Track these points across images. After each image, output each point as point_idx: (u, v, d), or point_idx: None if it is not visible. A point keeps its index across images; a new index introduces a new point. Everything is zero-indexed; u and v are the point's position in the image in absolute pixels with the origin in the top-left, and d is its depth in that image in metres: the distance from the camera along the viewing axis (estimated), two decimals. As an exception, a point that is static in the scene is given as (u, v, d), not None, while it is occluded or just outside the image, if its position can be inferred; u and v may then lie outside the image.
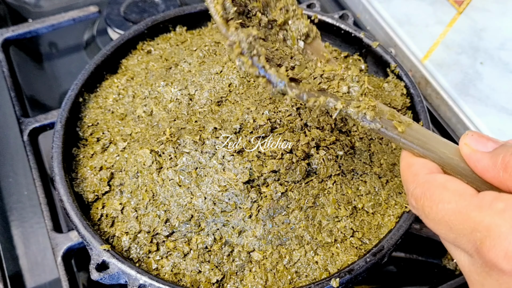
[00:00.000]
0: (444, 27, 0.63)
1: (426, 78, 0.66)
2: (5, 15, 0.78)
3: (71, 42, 0.75)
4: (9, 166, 0.56)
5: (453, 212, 0.28)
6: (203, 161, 0.43)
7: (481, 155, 0.29)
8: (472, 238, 0.27)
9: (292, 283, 0.41)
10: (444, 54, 0.63)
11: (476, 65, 0.60)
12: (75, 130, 0.50)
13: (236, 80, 0.47)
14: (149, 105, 0.50)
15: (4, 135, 0.58)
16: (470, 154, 0.30)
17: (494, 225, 0.26)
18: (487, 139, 0.30)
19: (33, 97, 0.67)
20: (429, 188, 0.29)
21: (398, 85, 0.54)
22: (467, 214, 0.27)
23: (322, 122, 0.46)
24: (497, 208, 0.26)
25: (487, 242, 0.26)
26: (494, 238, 0.25)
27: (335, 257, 0.42)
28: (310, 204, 0.43)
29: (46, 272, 0.50)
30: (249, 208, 0.42)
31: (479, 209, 0.27)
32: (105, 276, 0.39)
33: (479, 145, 0.30)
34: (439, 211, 0.28)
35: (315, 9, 0.61)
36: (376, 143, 0.48)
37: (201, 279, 0.41)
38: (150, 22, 0.58)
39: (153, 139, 0.46)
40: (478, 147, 0.30)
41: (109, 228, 0.43)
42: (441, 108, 0.65)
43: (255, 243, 0.42)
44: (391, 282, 0.56)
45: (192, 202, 0.43)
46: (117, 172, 0.46)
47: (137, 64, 0.56)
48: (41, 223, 0.52)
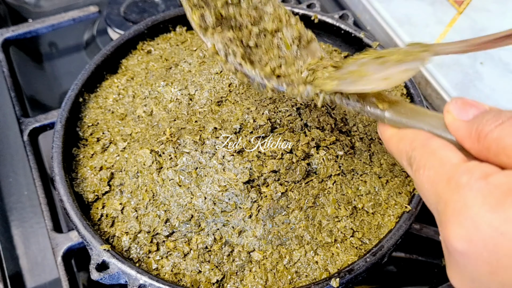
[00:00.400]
0: (444, 27, 0.63)
1: (426, 78, 0.66)
2: (5, 15, 0.78)
3: (71, 42, 0.75)
4: (9, 166, 0.56)
5: (427, 180, 0.27)
6: (203, 161, 0.43)
7: (459, 123, 0.28)
8: (436, 212, 0.26)
9: (292, 283, 0.41)
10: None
11: (476, 65, 0.60)
12: (75, 130, 0.50)
13: (236, 80, 0.47)
14: (149, 105, 0.50)
15: (4, 135, 0.58)
16: (451, 123, 0.29)
17: (450, 200, 0.24)
18: (470, 106, 0.28)
19: (33, 97, 0.67)
20: (422, 153, 0.28)
21: (398, 85, 0.54)
22: (436, 184, 0.26)
23: (322, 122, 0.46)
24: (460, 181, 0.24)
25: (443, 217, 0.25)
26: (448, 214, 0.24)
27: (335, 257, 0.42)
28: (310, 204, 0.43)
29: (46, 272, 0.50)
30: (249, 208, 0.42)
31: (447, 181, 0.25)
32: (105, 276, 0.39)
33: (461, 113, 0.28)
34: (420, 176, 0.27)
35: (315, 9, 0.61)
36: (376, 143, 0.48)
37: (201, 279, 0.41)
38: (150, 22, 0.58)
39: (153, 139, 0.46)
40: (460, 115, 0.28)
41: (109, 228, 0.43)
42: (441, 108, 0.65)
43: (255, 243, 0.42)
44: (391, 282, 0.56)
45: (192, 202, 0.43)
46: (117, 172, 0.46)
47: (137, 64, 0.56)
48: (41, 223, 0.52)
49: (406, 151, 0.30)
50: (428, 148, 0.28)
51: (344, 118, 0.49)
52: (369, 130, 0.49)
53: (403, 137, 0.31)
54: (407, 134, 0.31)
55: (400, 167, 0.48)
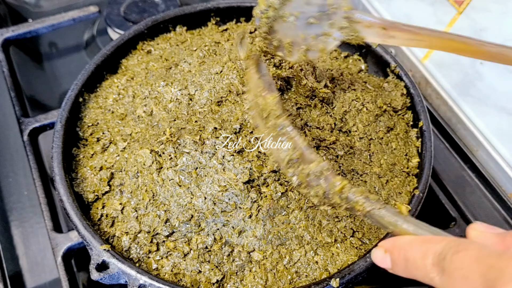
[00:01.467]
0: (444, 27, 0.63)
1: (426, 78, 0.66)
2: (5, 15, 0.78)
3: (71, 42, 0.75)
4: (9, 166, 0.56)
5: (472, 259, 0.28)
6: (203, 161, 0.43)
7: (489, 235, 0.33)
8: (485, 278, 0.27)
9: (292, 283, 0.41)
10: (444, 54, 0.63)
11: (476, 65, 0.60)
12: (75, 130, 0.50)
13: (236, 80, 0.47)
14: (149, 105, 0.50)
15: (4, 135, 0.58)
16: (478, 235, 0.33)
17: (507, 266, 0.26)
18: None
19: (33, 97, 0.67)
20: (458, 243, 0.29)
21: (398, 85, 0.54)
22: (485, 259, 0.27)
23: (322, 122, 0.46)
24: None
25: (499, 282, 0.26)
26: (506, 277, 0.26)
27: (335, 257, 0.42)
28: (310, 204, 0.43)
29: (46, 272, 0.49)
30: (249, 208, 0.42)
31: (498, 255, 0.27)
32: (105, 276, 0.39)
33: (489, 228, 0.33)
34: (459, 258, 0.28)
35: (315, 9, 0.61)
36: (376, 143, 0.48)
37: (201, 279, 0.41)
38: (150, 22, 0.58)
39: (153, 139, 0.46)
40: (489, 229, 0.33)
41: (109, 228, 0.43)
42: (441, 108, 0.65)
43: (255, 243, 0.42)
44: (391, 282, 0.56)
45: (192, 202, 0.43)
46: (117, 172, 0.46)
47: (137, 64, 0.56)
48: (41, 223, 0.52)
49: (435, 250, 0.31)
50: (461, 239, 0.30)
51: (344, 118, 0.49)
52: (369, 130, 0.49)
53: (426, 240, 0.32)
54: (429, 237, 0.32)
55: (400, 167, 0.48)
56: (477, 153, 0.61)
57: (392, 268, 0.33)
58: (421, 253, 0.30)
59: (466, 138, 0.62)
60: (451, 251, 0.28)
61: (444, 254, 0.29)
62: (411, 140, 0.51)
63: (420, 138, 0.50)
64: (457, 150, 0.62)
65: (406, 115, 0.52)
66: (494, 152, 0.59)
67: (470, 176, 0.60)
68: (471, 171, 0.60)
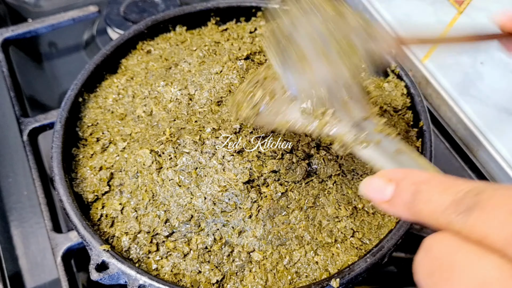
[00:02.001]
0: (444, 27, 0.63)
1: (426, 78, 0.66)
2: (5, 15, 0.77)
3: (71, 42, 0.75)
4: (9, 166, 0.56)
5: None
6: (203, 161, 0.43)
7: None
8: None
9: (292, 283, 0.41)
10: (445, 54, 0.63)
11: (476, 65, 0.60)
12: (75, 130, 0.50)
13: (236, 79, 0.47)
14: (149, 105, 0.50)
15: (4, 135, 0.58)
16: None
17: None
18: None
19: (33, 97, 0.67)
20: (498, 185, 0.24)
21: (398, 85, 0.54)
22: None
23: (322, 122, 0.46)
24: None
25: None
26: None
27: (335, 257, 0.42)
28: (310, 204, 0.43)
29: (46, 272, 0.49)
30: (249, 208, 0.42)
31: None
32: (105, 276, 0.39)
33: None
34: (504, 192, 0.23)
35: (315, 9, 0.61)
36: (376, 143, 0.48)
37: (201, 279, 0.41)
38: (150, 22, 0.58)
39: (153, 139, 0.46)
40: None
41: (109, 228, 0.43)
42: (442, 108, 0.65)
43: (255, 243, 0.42)
44: (391, 282, 0.56)
45: (192, 202, 0.42)
46: (117, 172, 0.46)
47: (137, 64, 0.56)
48: (41, 223, 0.52)
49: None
50: None
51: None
52: (369, 130, 0.49)
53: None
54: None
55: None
56: (477, 153, 0.61)
57: (390, 201, 0.26)
58: (443, 186, 0.24)
59: (466, 138, 0.62)
60: (491, 188, 0.23)
61: (479, 190, 0.23)
62: (411, 140, 0.51)
63: (420, 138, 0.50)
64: (457, 150, 0.62)
65: (406, 115, 0.52)
66: (494, 152, 0.59)
67: (470, 176, 0.60)
68: (471, 171, 0.60)
